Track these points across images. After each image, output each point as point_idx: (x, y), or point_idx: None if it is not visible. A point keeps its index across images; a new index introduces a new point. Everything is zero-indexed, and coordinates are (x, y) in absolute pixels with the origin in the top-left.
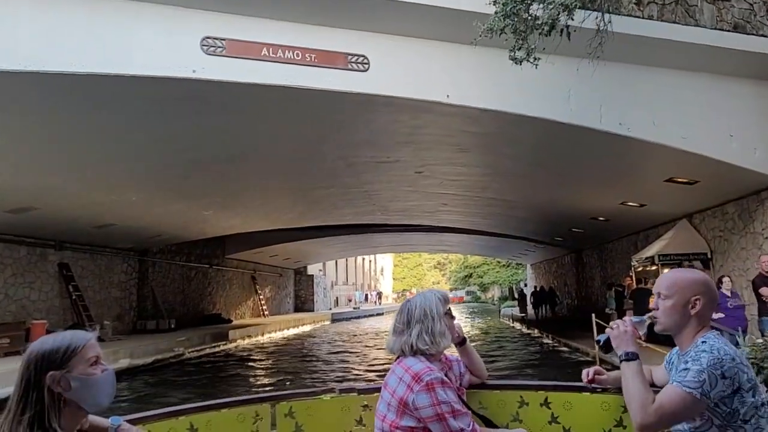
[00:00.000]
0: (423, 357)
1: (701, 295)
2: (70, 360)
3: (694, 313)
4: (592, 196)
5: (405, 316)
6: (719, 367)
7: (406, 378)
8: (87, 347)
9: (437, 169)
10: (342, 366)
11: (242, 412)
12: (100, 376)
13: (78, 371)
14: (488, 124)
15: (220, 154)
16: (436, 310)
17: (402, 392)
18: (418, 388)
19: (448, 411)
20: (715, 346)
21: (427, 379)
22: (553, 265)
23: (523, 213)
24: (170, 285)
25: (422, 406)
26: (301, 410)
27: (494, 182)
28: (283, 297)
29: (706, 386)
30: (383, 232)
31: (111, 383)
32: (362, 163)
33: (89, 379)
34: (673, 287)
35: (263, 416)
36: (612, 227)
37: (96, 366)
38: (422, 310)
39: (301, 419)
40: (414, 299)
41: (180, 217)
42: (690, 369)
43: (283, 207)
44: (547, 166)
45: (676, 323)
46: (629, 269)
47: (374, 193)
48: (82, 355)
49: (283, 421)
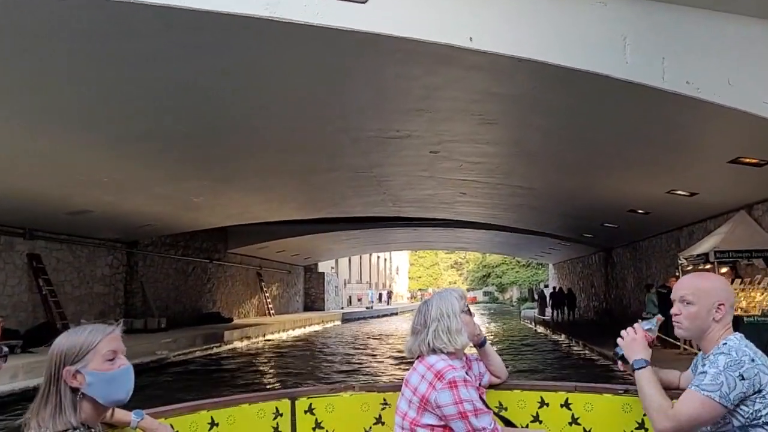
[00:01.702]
0: (444, 355)
1: (725, 300)
2: (86, 355)
3: (718, 318)
4: (634, 183)
5: (422, 317)
6: (737, 369)
7: (429, 376)
8: (104, 342)
9: (456, 149)
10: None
11: (262, 408)
12: (115, 372)
13: (93, 366)
14: (521, 83)
15: (199, 122)
16: (452, 308)
17: (424, 390)
18: (441, 386)
19: (471, 410)
20: (734, 348)
21: (449, 377)
22: (578, 265)
23: (550, 204)
24: (164, 280)
25: (444, 404)
26: (321, 407)
27: (521, 166)
28: (291, 295)
29: (724, 389)
30: (397, 227)
31: (128, 379)
32: (368, 138)
33: (104, 375)
34: (696, 293)
35: (283, 412)
36: (651, 222)
37: (113, 361)
38: (438, 308)
39: (321, 416)
40: (431, 299)
41: (166, 205)
42: (708, 372)
43: (284, 194)
44: (584, 143)
45: (700, 329)
46: (675, 268)
47: (384, 180)
48: (98, 349)
49: (303, 417)
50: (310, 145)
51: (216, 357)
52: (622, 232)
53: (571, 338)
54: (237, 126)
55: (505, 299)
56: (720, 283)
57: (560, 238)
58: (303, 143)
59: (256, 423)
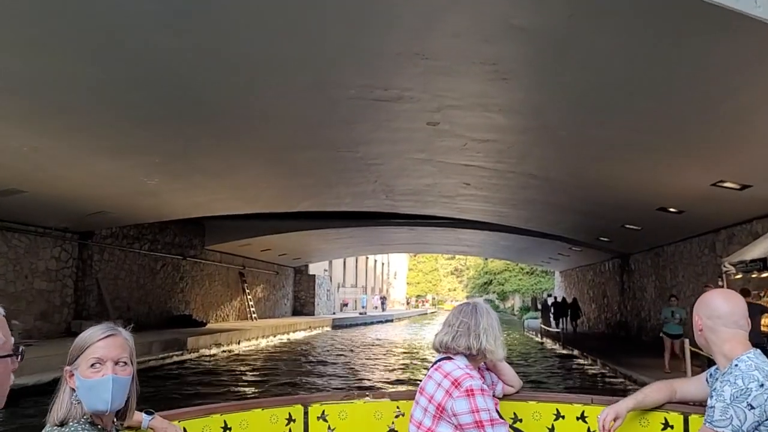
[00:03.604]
0: (462, 363)
1: (709, 317)
2: (77, 358)
3: (707, 336)
4: (674, 171)
5: (474, 317)
6: (744, 399)
7: (445, 383)
8: (93, 347)
9: (460, 119)
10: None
11: (275, 413)
12: (92, 381)
13: (80, 370)
14: (554, 10)
15: (132, 73)
16: (497, 324)
17: (440, 397)
18: (458, 394)
19: (487, 419)
20: (742, 373)
21: (467, 385)
22: (588, 273)
23: (566, 200)
24: (126, 278)
25: (461, 412)
26: (334, 413)
27: (538, 146)
28: (279, 298)
29: (735, 422)
30: (392, 225)
31: (105, 389)
32: (350, 101)
33: (85, 381)
34: (695, 308)
35: (296, 418)
36: (682, 223)
37: (95, 368)
38: (489, 317)
39: (333, 422)
40: (479, 305)
41: (116, 188)
42: (715, 407)
43: (254, 179)
44: (622, 113)
45: (701, 344)
46: (718, 277)
47: (374, 163)
48: (86, 354)
49: (315, 424)
50: (278, 111)
51: (172, 368)
52: (644, 234)
53: (585, 355)
54: (180, 80)
55: (506, 308)
56: (709, 298)
57: (572, 242)
58: (268, 109)
59: (269, 428)
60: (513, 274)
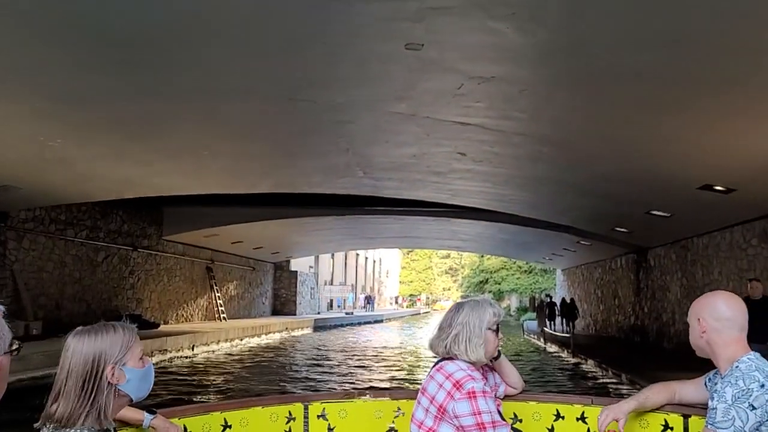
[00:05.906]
0: (464, 364)
1: (705, 316)
2: (125, 354)
3: (706, 337)
4: (734, 133)
5: (452, 315)
6: (746, 399)
7: (447, 385)
8: (137, 340)
9: (452, 36)
10: None
11: (275, 411)
12: (145, 369)
13: (131, 363)
14: None
15: None
16: (479, 320)
17: (441, 399)
18: (459, 396)
19: (489, 421)
20: (743, 374)
21: (468, 387)
22: (596, 271)
23: (585, 178)
24: (54, 270)
25: (462, 414)
26: (334, 412)
27: (561, 89)
28: (255, 296)
29: (738, 423)
30: (377, 214)
31: (152, 374)
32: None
33: (137, 372)
34: (689, 311)
35: (296, 416)
36: (727, 206)
37: (143, 359)
38: (467, 315)
39: (333, 421)
40: (466, 303)
41: (13, 151)
42: (717, 408)
43: (194, 145)
44: (669, 58)
45: (697, 346)
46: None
47: (340, 120)
48: (133, 347)
49: (315, 422)
50: (199, 33)
51: None
52: (672, 223)
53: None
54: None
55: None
56: (716, 301)
57: (582, 234)
58: (184, 32)
59: (269, 426)
60: (510, 272)
